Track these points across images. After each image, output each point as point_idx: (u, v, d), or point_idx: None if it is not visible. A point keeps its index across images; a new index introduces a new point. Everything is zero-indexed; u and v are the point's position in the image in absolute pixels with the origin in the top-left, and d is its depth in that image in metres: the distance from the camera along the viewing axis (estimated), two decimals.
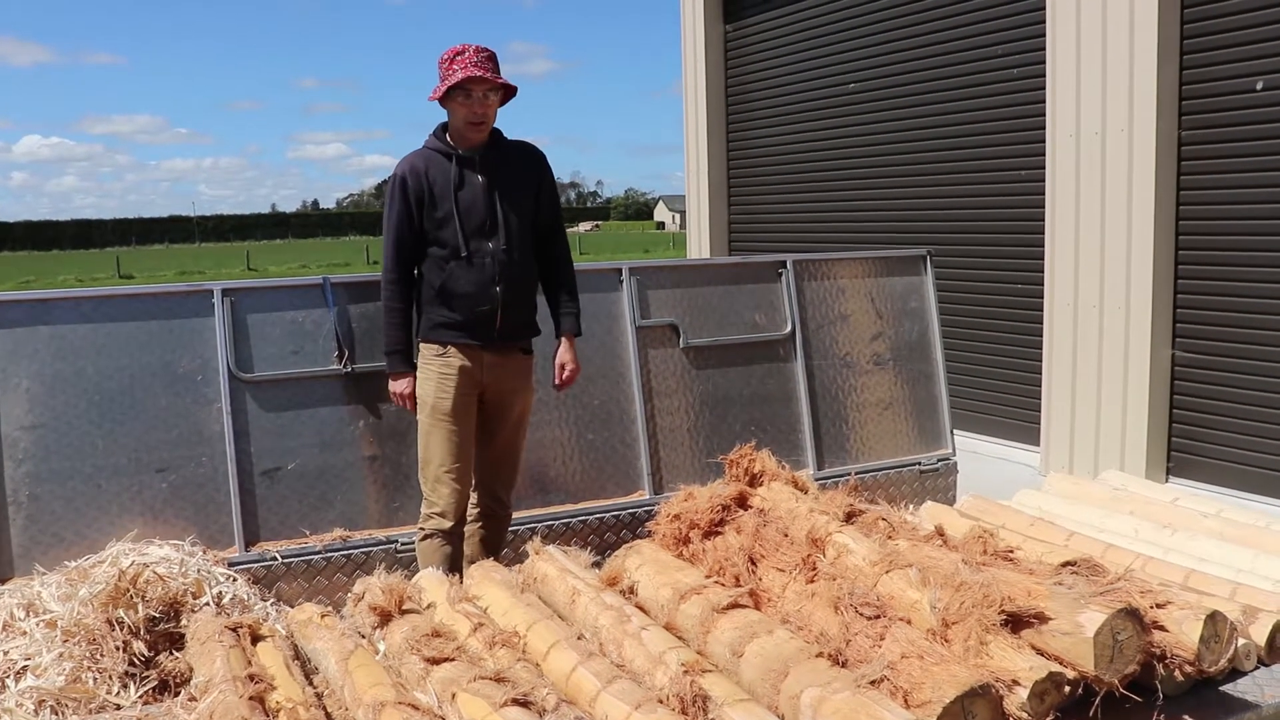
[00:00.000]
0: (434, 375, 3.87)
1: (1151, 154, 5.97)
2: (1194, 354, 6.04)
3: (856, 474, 4.87)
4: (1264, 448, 5.71)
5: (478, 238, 3.84)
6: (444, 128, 3.94)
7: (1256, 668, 2.74)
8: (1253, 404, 5.76)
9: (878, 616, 2.53)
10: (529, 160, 4.01)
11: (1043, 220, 6.65)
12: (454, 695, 2.48)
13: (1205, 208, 5.93)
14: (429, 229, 3.84)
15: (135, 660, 3.06)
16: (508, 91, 3.91)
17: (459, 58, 3.78)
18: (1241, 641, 2.65)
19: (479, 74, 3.74)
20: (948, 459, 5.16)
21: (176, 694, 2.97)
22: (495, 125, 3.93)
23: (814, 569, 2.84)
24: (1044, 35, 6.56)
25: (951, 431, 5.21)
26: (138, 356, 3.90)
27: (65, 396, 3.81)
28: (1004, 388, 7.24)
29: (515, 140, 4.01)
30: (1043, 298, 6.68)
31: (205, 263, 48.91)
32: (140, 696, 2.96)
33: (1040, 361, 6.75)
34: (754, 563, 2.98)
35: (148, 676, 3.03)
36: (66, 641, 3.07)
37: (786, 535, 3.04)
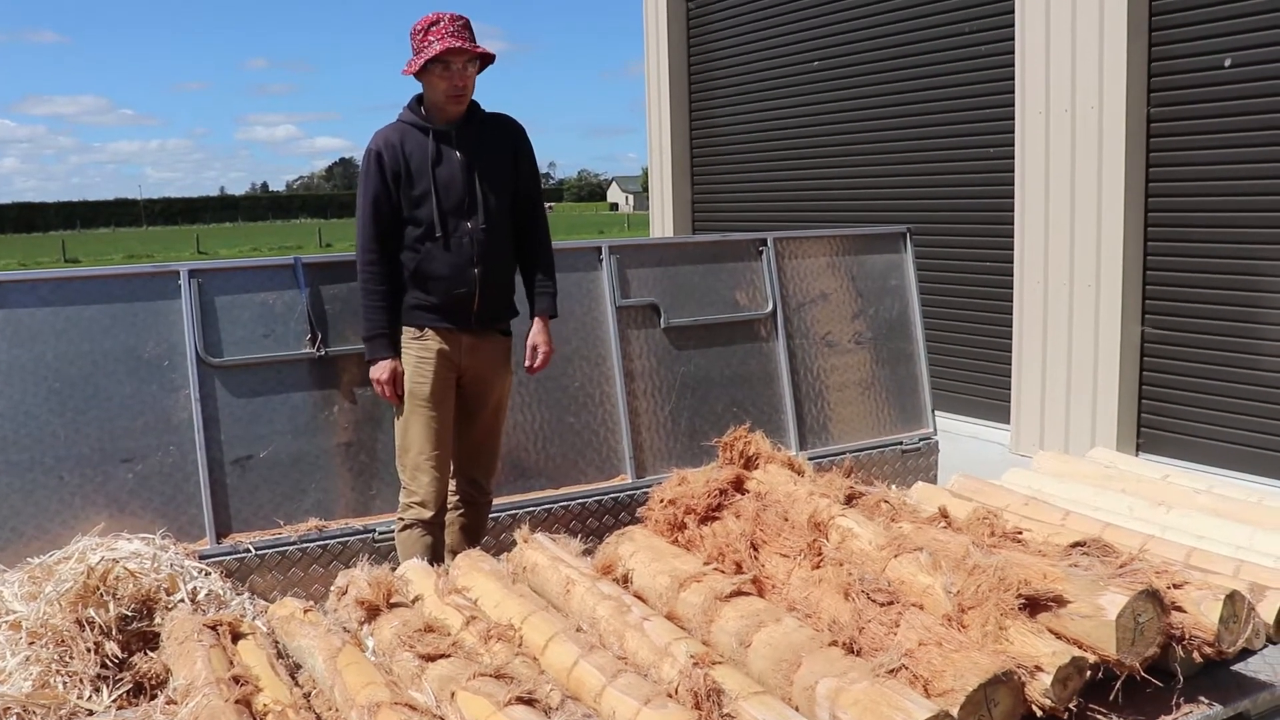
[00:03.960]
0: (411, 359, 3.74)
1: (1121, 131, 5.98)
2: (1163, 330, 6.06)
3: (839, 455, 4.82)
4: (1232, 423, 5.76)
5: (455, 217, 3.70)
6: (419, 100, 3.78)
7: (1264, 646, 2.71)
8: (1221, 380, 5.80)
9: (890, 603, 2.46)
10: (506, 133, 3.87)
11: (1012, 198, 6.64)
12: (453, 694, 2.36)
13: (1174, 184, 5.95)
14: (404, 207, 3.70)
15: (108, 662, 2.90)
16: (485, 60, 3.77)
17: (434, 28, 3.62)
18: None
19: (458, 44, 3.59)
20: (929, 438, 5.12)
21: (153, 697, 2.82)
22: (473, 97, 3.80)
23: (819, 554, 2.76)
24: (1013, 12, 6.53)
25: (933, 411, 5.17)
26: (100, 341, 3.71)
27: (24, 384, 3.61)
28: (974, 366, 7.24)
29: (492, 112, 3.87)
30: (1013, 276, 6.68)
31: (153, 246, 47.62)
32: (114, 701, 2.82)
33: (1010, 339, 6.75)
34: (755, 548, 2.89)
35: (121, 679, 2.88)
36: (33, 644, 2.90)
37: (787, 519, 2.96)
